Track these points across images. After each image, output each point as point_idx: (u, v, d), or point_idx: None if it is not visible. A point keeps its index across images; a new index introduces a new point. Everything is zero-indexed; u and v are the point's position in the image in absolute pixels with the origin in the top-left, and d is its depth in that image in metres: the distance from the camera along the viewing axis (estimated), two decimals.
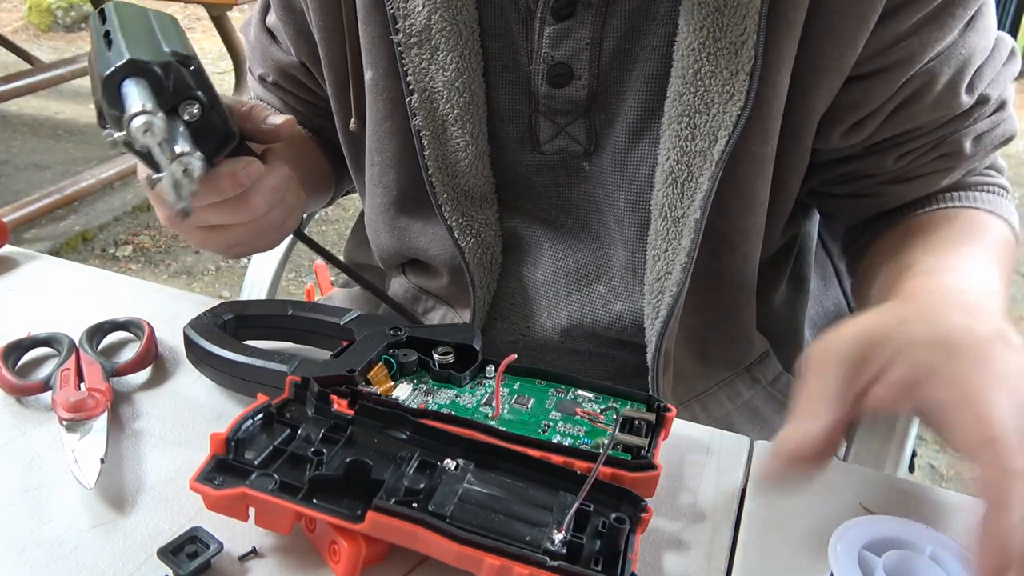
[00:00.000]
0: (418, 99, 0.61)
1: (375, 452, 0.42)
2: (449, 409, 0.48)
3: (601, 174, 0.63)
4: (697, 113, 0.57)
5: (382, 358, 0.51)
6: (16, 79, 2.50)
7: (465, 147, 0.62)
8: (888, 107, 0.59)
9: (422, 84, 0.61)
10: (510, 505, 0.39)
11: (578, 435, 0.47)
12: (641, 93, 0.60)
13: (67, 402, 0.48)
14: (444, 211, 0.64)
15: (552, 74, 0.60)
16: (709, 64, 0.55)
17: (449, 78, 0.60)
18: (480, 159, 0.63)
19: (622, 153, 0.62)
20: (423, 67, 0.61)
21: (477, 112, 0.62)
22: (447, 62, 0.60)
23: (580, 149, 0.63)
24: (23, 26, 4.90)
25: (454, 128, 0.62)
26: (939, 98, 0.59)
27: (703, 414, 0.68)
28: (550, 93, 0.61)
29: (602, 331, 0.66)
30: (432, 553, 0.38)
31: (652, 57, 0.59)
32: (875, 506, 0.47)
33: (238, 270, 2.47)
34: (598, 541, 0.39)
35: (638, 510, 0.40)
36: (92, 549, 0.41)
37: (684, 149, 0.58)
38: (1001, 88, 0.63)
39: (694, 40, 0.55)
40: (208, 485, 0.39)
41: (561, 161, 0.64)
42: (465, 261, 0.66)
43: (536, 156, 0.64)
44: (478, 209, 0.66)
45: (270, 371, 0.49)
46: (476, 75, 0.61)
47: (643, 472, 0.43)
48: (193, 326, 0.53)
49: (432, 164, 0.63)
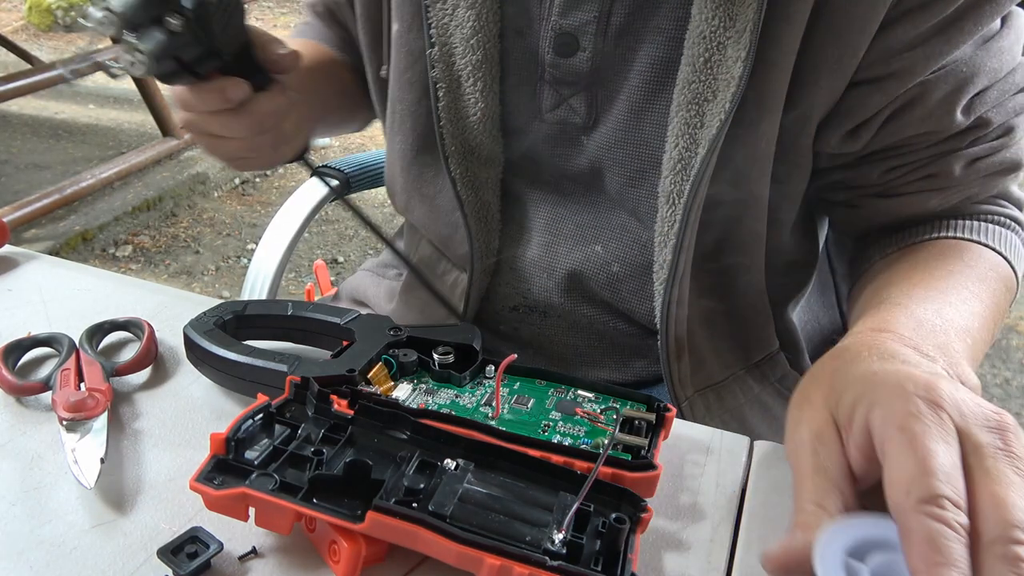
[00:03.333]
0: (438, 52, 0.64)
1: (375, 452, 0.42)
2: (449, 409, 0.48)
3: (599, 149, 0.64)
4: (705, 100, 0.57)
5: (382, 358, 0.51)
6: (16, 79, 2.50)
7: (475, 103, 0.64)
8: (881, 117, 0.59)
9: (443, 38, 0.64)
10: (510, 505, 0.39)
11: (578, 435, 0.47)
12: (646, 73, 0.60)
13: (67, 402, 0.48)
14: (450, 163, 0.66)
15: (558, 43, 0.62)
16: (719, 53, 0.56)
17: (465, 35, 0.63)
18: (490, 117, 0.65)
19: (622, 131, 0.63)
20: (444, 22, 0.63)
21: (490, 72, 0.64)
22: (465, 19, 0.62)
23: (580, 122, 0.64)
24: (23, 26, 4.90)
25: (468, 84, 0.64)
26: (930, 113, 0.58)
27: (717, 404, 0.68)
28: (555, 62, 0.62)
29: (600, 290, 0.67)
30: (432, 553, 0.38)
31: (660, 40, 0.59)
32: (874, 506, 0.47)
33: (238, 270, 2.47)
34: (598, 541, 0.38)
35: (638, 510, 0.40)
36: (92, 549, 0.41)
37: (693, 137, 0.58)
38: (1008, 114, 0.61)
39: (706, 28, 0.56)
40: (208, 485, 0.39)
41: (561, 131, 0.65)
42: (464, 214, 0.67)
43: (539, 124, 0.66)
44: (482, 167, 0.68)
45: (270, 371, 0.49)
46: (492, 35, 0.63)
47: (643, 472, 0.43)
48: (193, 326, 0.53)
49: (445, 116, 0.65)
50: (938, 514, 0.34)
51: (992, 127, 0.60)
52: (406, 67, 0.67)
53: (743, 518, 0.46)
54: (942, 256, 0.62)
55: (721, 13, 0.55)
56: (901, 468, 0.36)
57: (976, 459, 0.37)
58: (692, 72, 0.57)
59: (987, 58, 0.58)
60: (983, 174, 0.63)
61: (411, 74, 0.67)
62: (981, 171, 0.62)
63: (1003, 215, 0.65)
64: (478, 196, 0.68)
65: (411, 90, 0.67)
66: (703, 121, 0.57)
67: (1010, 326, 2.50)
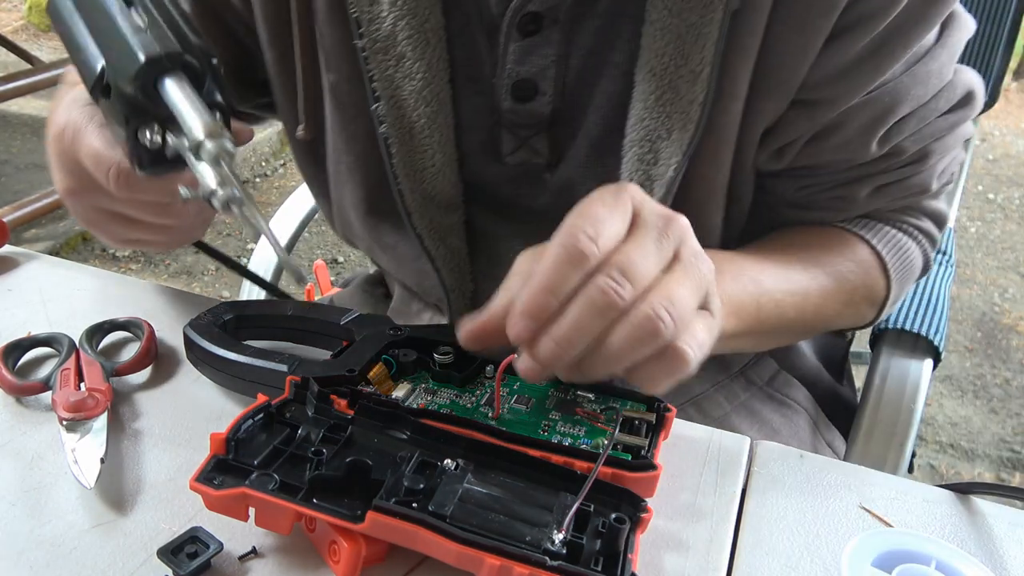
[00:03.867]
0: (385, 107, 0.60)
1: (375, 452, 0.42)
2: (449, 409, 0.48)
3: (563, 187, 0.63)
4: (659, 138, 0.56)
5: (382, 358, 0.51)
6: (16, 79, 2.49)
7: (432, 155, 0.61)
8: (803, 139, 0.59)
9: (388, 91, 0.59)
10: (510, 505, 0.39)
11: (578, 435, 0.46)
12: (604, 109, 0.59)
13: (67, 402, 0.47)
14: (413, 219, 0.63)
15: (516, 89, 0.59)
16: (671, 92, 0.55)
17: (416, 87, 0.59)
18: (448, 165, 0.62)
19: (585, 167, 0.62)
20: (388, 74, 0.59)
21: (445, 121, 0.61)
22: (414, 71, 0.58)
23: (543, 161, 0.62)
24: (23, 26, 4.90)
25: (422, 136, 0.61)
26: (847, 141, 0.58)
27: (699, 416, 0.68)
28: (513, 107, 0.60)
29: None
30: (432, 553, 0.38)
31: (615, 74, 0.58)
32: (874, 506, 0.47)
33: None
34: (598, 541, 0.38)
35: (638, 510, 0.40)
36: (92, 549, 0.41)
37: (647, 173, 0.58)
38: (925, 140, 0.60)
39: (656, 64, 0.55)
40: (208, 485, 0.39)
41: (523, 172, 0.63)
42: (433, 261, 0.65)
43: (498, 167, 0.63)
44: (445, 214, 0.65)
45: (270, 371, 0.49)
46: (443, 83, 0.59)
47: (643, 472, 0.43)
48: (193, 326, 0.53)
49: (401, 172, 0.62)
50: (563, 242, 0.41)
51: (906, 155, 0.61)
52: (347, 121, 0.63)
53: (743, 518, 0.46)
54: (809, 235, 0.64)
55: (671, 50, 0.54)
56: (568, 219, 0.42)
57: (634, 230, 0.42)
58: (643, 108, 0.56)
59: (912, 84, 0.57)
60: (888, 198, 0.63)
61: (354, 127, 0.63)
62: (887, 195, 0.63)
63: (912, 225, 0.66)
64: (445, 244, 0.66)
65: (356, 144, 0.63)
66: (657, 158, 0.57)
67: (1010, 326, 2.50)
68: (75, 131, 0.50)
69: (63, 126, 0.51)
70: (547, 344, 0.41)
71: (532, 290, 0.41)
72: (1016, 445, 2.02)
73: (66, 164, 0.51)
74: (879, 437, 0.77)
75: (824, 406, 0.76)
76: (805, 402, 0.74)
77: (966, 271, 2.81)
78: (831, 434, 0.76)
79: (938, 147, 0.62)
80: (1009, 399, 2.18)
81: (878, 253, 0.64)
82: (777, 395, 0.72)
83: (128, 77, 0.42)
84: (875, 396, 0.79)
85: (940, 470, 1.94)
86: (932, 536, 0.44)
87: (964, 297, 2.65)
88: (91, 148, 0.49)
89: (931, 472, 1.93)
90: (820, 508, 0.47)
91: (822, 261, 0.62)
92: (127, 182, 0.48)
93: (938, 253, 1.01)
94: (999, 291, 2.70)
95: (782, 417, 0.71)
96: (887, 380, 0.80)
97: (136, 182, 0.48)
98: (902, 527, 0.46)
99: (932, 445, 2.01)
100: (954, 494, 0.48)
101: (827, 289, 0.61)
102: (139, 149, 0.45)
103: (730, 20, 0.52)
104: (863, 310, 0.66)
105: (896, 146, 0.60)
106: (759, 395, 0.71)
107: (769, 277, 0.58)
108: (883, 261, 0.64)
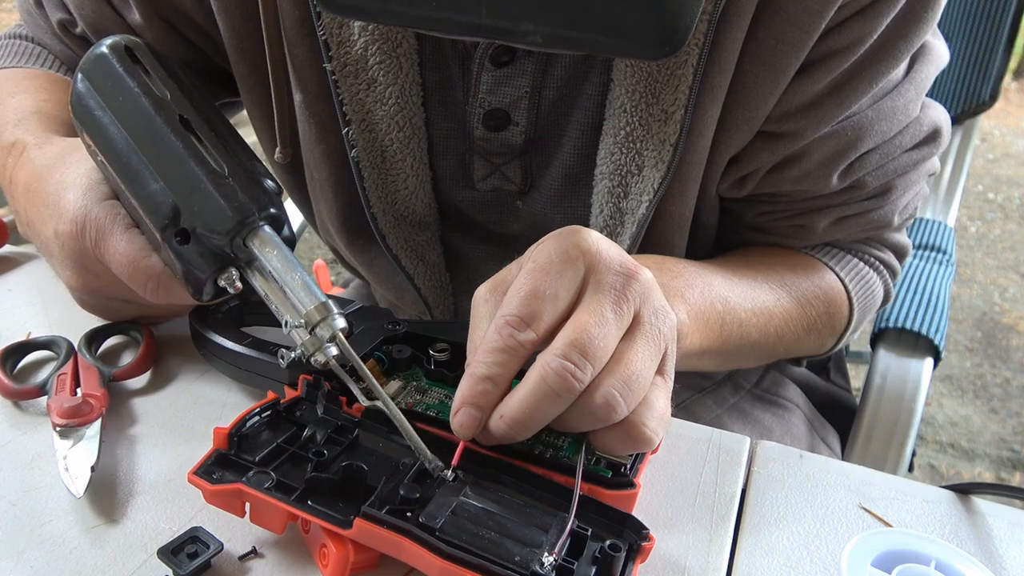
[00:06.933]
0: (356, 130, 0.58)
1: (378, 457, 0.42)
2: (436, 411, 0.47)
3: (535, 214, 0.63)
4: (629, 173, 0.56)
5: (374, 354, 0.50)
6: None
7: (406, 179, 0.61)
8: (764, 169, 0.58)
9: (359, 115, 0.58)
10: (504, 522, 0.38)
11: (561, 446, 0.44)
12: (577, 140, 0.59)
13: (61, 408, 0.47)
14: (388, 240, 0.62)
15: (488, 118, 0.58)
16: (641, 128, 0.54)
17: (389, 112, 0.58)
18: (422, 188, 0.62)
19: (557, 196, 0.61)
20: (360, 97, 0.57)
21: (419, 145, 0.60)
22: (386, 96, 0.57)
23: (515, 188, 0.62)
24: None
25: (395, 160, 0.60)
26: (807, 173, 0.58)
27: (689, 420, 0.68)
28: (485, 136, 0.59)
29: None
30: (417, 565, 0.37)
31: (588, 105, 0.57)
32: (874, 506, 0.47)
33: None
34: (593, 568, 0.37)
35: (640, 537, 0.38)
36: (92, 549, 0.41)
37: (617, 206, 0.58)
38: (887, 176, 0.60)
39: (627, 101, 0.54)
40: (205, 479, 0.39)
41: (495, 199, 0.63)
42: (416, 286, 0.65)
43: (470, 192, 0.63)
44: (419, 231, 0.64)
45: (265, 363, 0.49)
46: (416, 107, 0.58)
47: (620, 490, 0.41)
48: (197, 312, 0.53)
49: (373, 195, 0.61)
50: (499, 327, 0.39)
51: (867, 189, 0.60)
52: (318, 139, 0.60)
53: (743, 518, 0.46)
54: (778, 257, 0.63)
55: (642, 88, 0.53)
56: (510, 291, 0.41)
57: (588, 292, 0.40)
58: (613, 143, 0.56)
59: (878, 119, 0.56)
60: (849, 230, 0.63)
61: (325, 147, 0.61)
62: (847, 227, 0.63)
63: (875, 256, 0.66)
64: (424, 260, 0.65)
65: (327, 162, 0.61)
66: (627, 192, 0.57)
67: (1010, 326, 2.50)
68: (99, 232, 0.47)
69: (80, 223, 0.47)
70: (499, 425, 0.40)
71: (471, 380, 0.40)
72: (1016, 445, 2.02)
73: (85, 264, 0.49)
74: (879, 437, 0.77)
75: (818, 403, 0.77)
76: (799, 400, 0.74)
77: (966, 271, 2.82)
78: (826, 431, 0.76)
79: (901, 183, 0.61)
80: (1009, 399, 2.18)
81: (843, 282, 0.64)
82: (767, 395, 0.72)
83: (220, 232, 0.43)
84: (875, 395, 0.79)
85: (940, 470, 1.94)
86: (932, 536, 0.44)
87: (964, 297, 2.65)
88: (124, 256, 0.46)
89: (931, 472, 1.93)
90: (820, 508, 0.46)
91: (788, 283, 0.61)
92: (168, 293, 0.47)
93: (938, 252, 1.01)
94: (999, 291, 2.70)
95: (775, 416, 0.71)
96: (887, 379, 0.80)
97: (177, 293, 0.47)
98: (902, 527, 0.45)
99: (932, 445, 2.01)
100: (954, 494, 0.48)
101: (791, 313, 0.61)
102: (213, 287, 0.45)
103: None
104: (824, 337, 0.65)
105: (858, 180, 0.59)
106: (748, 397, 0.71)
107: (736, 295, 0.57)
108: (848, 290, 0.64)
